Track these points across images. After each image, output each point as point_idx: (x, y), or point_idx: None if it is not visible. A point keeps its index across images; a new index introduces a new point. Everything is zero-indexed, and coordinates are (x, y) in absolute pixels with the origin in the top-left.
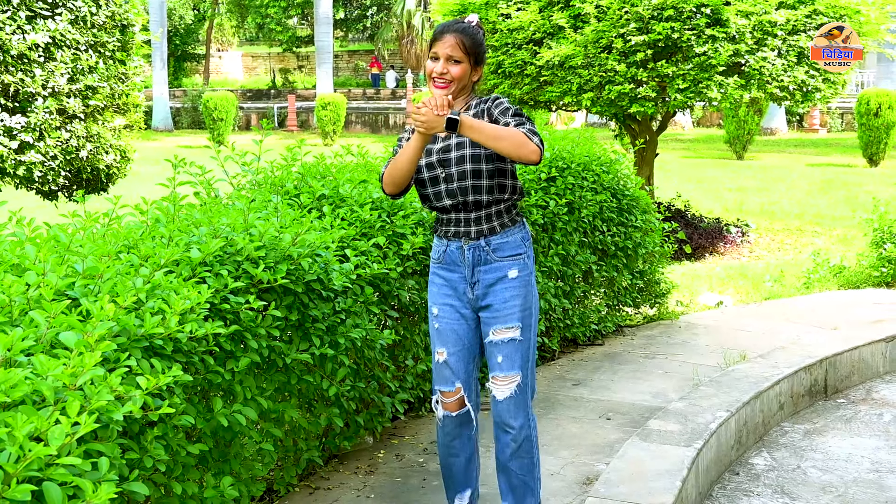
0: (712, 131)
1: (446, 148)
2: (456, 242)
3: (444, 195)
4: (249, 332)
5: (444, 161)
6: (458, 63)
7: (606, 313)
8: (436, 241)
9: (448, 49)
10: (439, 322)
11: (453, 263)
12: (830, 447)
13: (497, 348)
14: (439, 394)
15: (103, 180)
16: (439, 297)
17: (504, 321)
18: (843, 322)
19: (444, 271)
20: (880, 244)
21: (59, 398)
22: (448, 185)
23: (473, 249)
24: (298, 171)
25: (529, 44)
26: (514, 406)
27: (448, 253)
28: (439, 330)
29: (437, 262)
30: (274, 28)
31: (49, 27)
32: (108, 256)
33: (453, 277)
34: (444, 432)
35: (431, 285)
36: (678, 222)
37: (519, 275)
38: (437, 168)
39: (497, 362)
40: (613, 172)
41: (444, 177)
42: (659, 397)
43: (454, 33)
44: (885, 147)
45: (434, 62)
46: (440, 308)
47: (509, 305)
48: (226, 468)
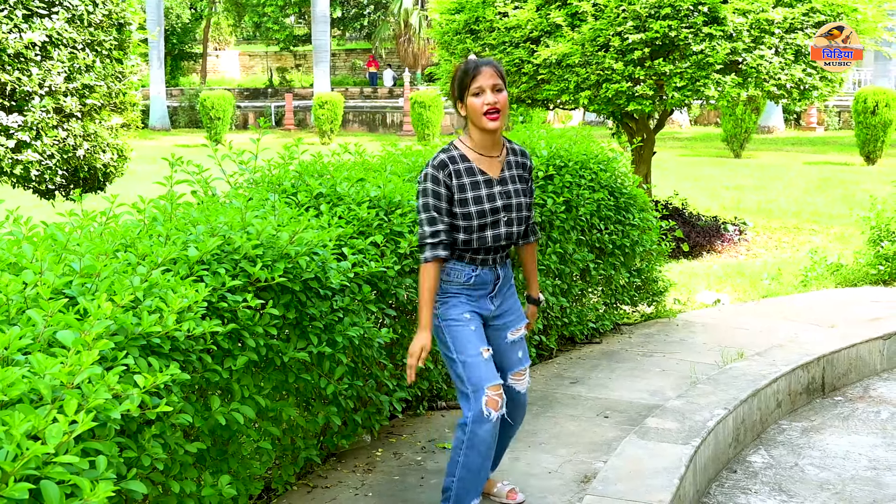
0: (710, 129)
1: (506, 193)
2: (489, 267)
3: (504, 237)
4: (247, 330)
5: (507, 207)
6: (501, 91)
7: (604, 311)
8: (458, 265)
9: (491, 79)
10: (475, 324)
11: (483, 283)
12: (828, 445)
13: (517, 346)
14: (489, 393)
15: (100, 179)
16: (468, 307)
17: (518, 322)
18: (840, 320)
19: (471, 291)
20: (877, 242)
21: (57, 397)
22: (508, 228)
23: (503, 271)
24: (296, 170)
25: (527, 42)
26: (527, 392)
27: (480, 275)
28: (477, 331)
29: (464, 285)
30: (271, 27)
31: (46, 26)
32: (105, 255)
33: (480, 294)
34: (493, 433)
35: (454, 300)
36: (676, 220)
37: (512, 281)
38: (502, 212)
39: (518, 357)
40: (611, 171)
41: (506, 220)
42: (657, 395)
43: (490, 66)
44: (882, 145)
45: (477, 98)
46: (471, 314)
47: (516, 308)
48: (224, 467)
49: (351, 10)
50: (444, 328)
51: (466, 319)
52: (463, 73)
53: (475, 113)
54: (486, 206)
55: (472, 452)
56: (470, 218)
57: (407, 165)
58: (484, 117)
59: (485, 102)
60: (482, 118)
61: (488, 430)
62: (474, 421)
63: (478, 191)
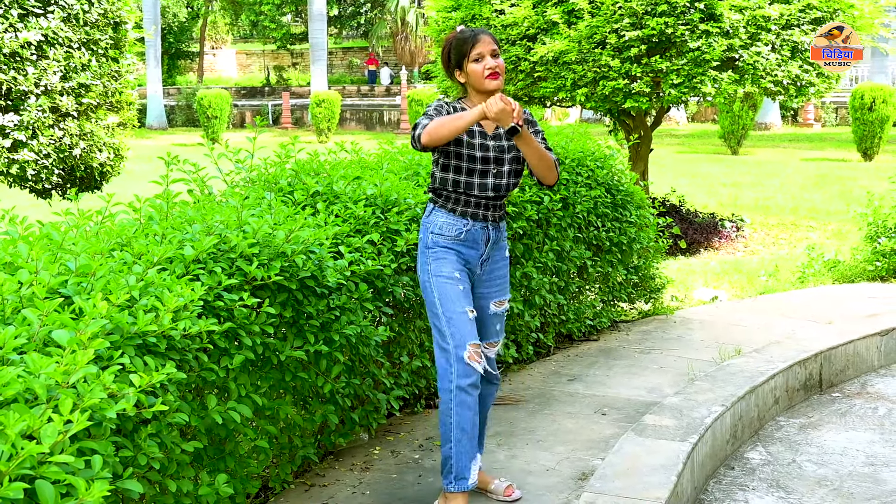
0: (707, 126)
1: (501, 148)
2: (481, 223)
3: (490, 188)
4: (243, 329)
5: (499, 159)
6: (498, 56)
7: (601, 309)
8: (449, 218)
9: (489, 45)
10: (463, 284)
11: (474, 241)
12: (825, 441)
13: (496, 318)
14: (471, 349)
15: (97, 178)
16: (457, 265)
17: (503, 293)
18: (837, 316)
19: (463, 247)
20: (875, 238)
21: (52, 396)
22: (496, 181)
23: (494, 230)
24: (292, 169)
25: (523, 39)
26: (495, 360)
27: (472, 231)
28: (464, 290)
29: (456, 238)
30: (268, 25)
31: (41, 25)
32: (101, 254)
33: (471, 254)
34: (477, 385)
35: (447, 254)
36: (673, 217)
37: (507, 253)
38: (492, 163)
39: (495, 330)
40: (608, 168)
41: (496, 172)
42: (654, 392)
43: (486, 34)
44: (879, 141)
45: (477, 63)
46: (461, 273)
47: (504, 281)
48: (221, 466)
49: (348, 9)
50: (433, 283)
51: (456, 279)
52: (461, 42)
53: (477, 77)
54: (477, 152)
55: (463, 409)
56: (461, 158)
57: (404, 164)
58: (485, 79)
59: (486, 67)
60: (484, 80)
61: (473, 382)
62: (459, 376)
63: (472, 137)
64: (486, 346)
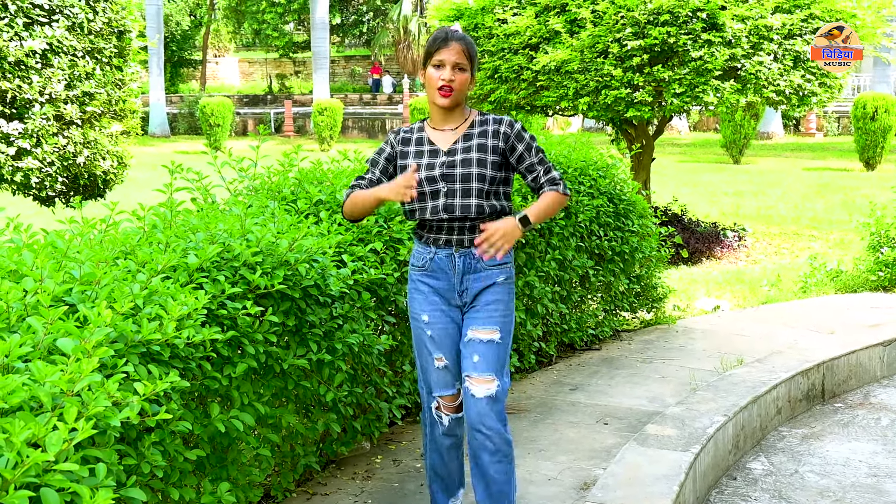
0: (709, 136)
1: (451, 163)
2: (445, 250)
3: (442, 209)
4: (247, 337)
5: (448, 176)
6: (464, 71)
7: (603, 318)
8: (418, 246)
9: (455, 56)
10: (432, 329)
11: (440, 271)
12: (828, 452)
13: (475, 347)
14: (439, 400)
15: (100, 186)
16: (427, 305)
17: (485, 322)
18: (840, 326)
19: (429, 279)
20: (877, 248)
21: (57, 404)
22: (448, 200)
23: (464, 258)
24: (295, 177)
25: (526, 49)
26: (490, 408)
27: (435, 261)
28: (433, 337)
29: (422, 269)
30: (270, 34)
31: (46, 34)
32: (105, 262)
33: (440, 285)
34: (449, 435)
35: (416, 293)
36: (675, 227)
37: (505, 281)
38: (440, 182)
39: (473, 362)
40: (610, 177)
41: (446, 191)
42: (656, 402)
43: (459, 41)
44: (881, 151)
45: (437, 70)
46: (430, 315)
47: (491, 308)
48: (223, 474)
49: (350, 17)
50: (411, 323)
51: (424, 322)
52: (432, 40)
53: (430, 84)
54: (422, 173)
55: (433, 454)
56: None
57: None
58: (437, 91)
59: (441, 77)
60: (435, 92)
61: (440, 433)
62: (429, 424)
63: (420, 158)
64: (468, 381)
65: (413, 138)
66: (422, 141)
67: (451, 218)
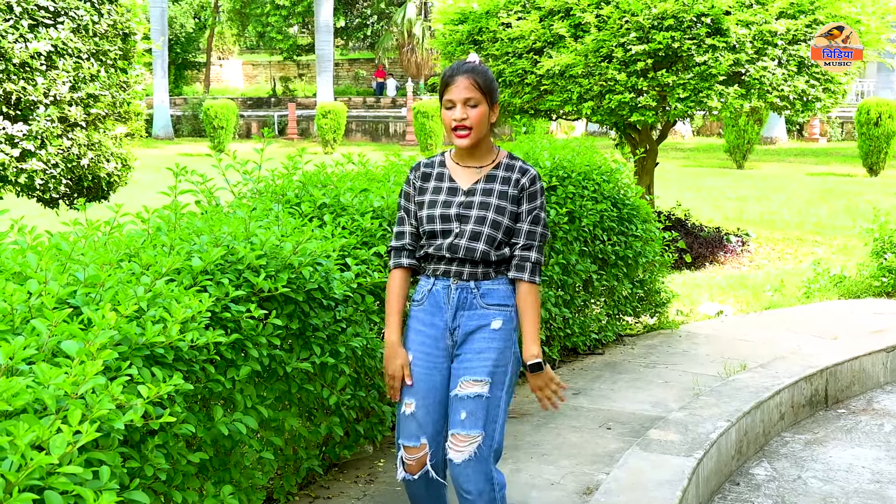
0: (712, 140)
1: (468, 204)
2: (443, 281)
3: (447, 248)
4: (250, 340)
5: (464, 217)
6: (476, 106)
7: (606, 322)
8: (421, 279)
9: (464, 92)
10: (414, 368)
11: (436, 306)
12: (831, 457)
13: (462, 403)
14: (402, 450)
15: (104, 188)
16: (414, 344)
17: (474, 373)
18: (843, 332)
19: (425, 315)
20: (881, 254)
21: (61, 407)
22: (455, 240)
23: (461, 291)
24: (299, 180)
25: (530, 53)
26: (472, 470)
27: (433, 293)
28: (414, 378)
29: (419, 303)
30: (274, 36)
31: (51, 36)
32: (109, 265)
33: (434, 323)
34: (411, 493)
35: (409, 330)
36: (678, 231)
37: (502, 327)
38: (454, 222)
39: (460, 419)
40: (614, 182)
41: (458, 232)
42: (659, 407)
43: (465, 74)
44: (885, 156)
45: (450, 111)
46: (415, 355)
47: (483, 357)
48: (226, 477)
49: (354, 20)
50: None
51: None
52: (441, 79)
53: (446, 126)
54: (437, 211)
55: (408, 492)
56: (422, 222)
57: None
58: (452, 133)
59: (453, 119)
60: (451, 133)
61: (409, 486)
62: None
63: (437, 195)
64: (451, 441)
65: (434, 174)
66: (442, 177)
67: (452, 258)
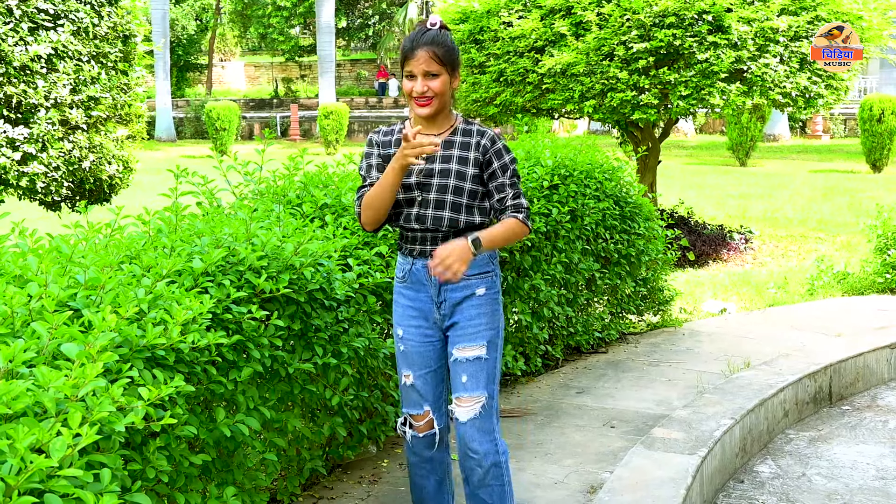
0: (715, 138)
1: (429, 172)
2: (422, 260)
3: (414, 219)
4: (252, 341)
5: (425, 185)
6: (437, 76)
7: (610, 321)
8: (400, 257)
9: (423, 65)
10: (405, 344)
11: (419, 283)
12: (835, 455)
13: (462, 367)
14: (408, 417)
15: (106, 191)
16: (404, 319)
17: (470, 339)
18: (847, 329)
19: (409, 291)
20: (884, 250)
21: (61, 409)
22: (421, 210)
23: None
24: (301, 181)
25: (531, 51)
26: (477, 430)
27: (413, 272)
28: (405, 352)
29: (402, 281)
30: (276, 37)
31: (51, 38)
32: (110, 267)
33: (419, 297)
34: (414, 452)
35: (396, 305)
36: (681, 229)
37: (486, 292)
38: (415, 190)
39: (461, 382)
40: (616, 180)
41: (420, 201)
42: (663, 405)
43: (424, 47)
44: (888, 153)
45: (411, 80)
46: (405, 329)
47: (475, 323)
48: (229, 478)
49: (356, 21)
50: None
51: (399, 337)
52: (401, 48)
53: (407, 96)
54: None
55: (410, 469)
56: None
57: None
58: (413, 102)
59: (414, 90)
60: (412, 102)
61: (411, 451)
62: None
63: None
64: (456, 403)
65: (393, 140)
66: (401, 144)
67: (423, 229)
